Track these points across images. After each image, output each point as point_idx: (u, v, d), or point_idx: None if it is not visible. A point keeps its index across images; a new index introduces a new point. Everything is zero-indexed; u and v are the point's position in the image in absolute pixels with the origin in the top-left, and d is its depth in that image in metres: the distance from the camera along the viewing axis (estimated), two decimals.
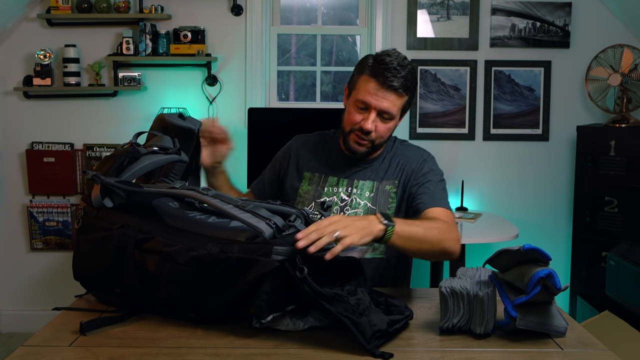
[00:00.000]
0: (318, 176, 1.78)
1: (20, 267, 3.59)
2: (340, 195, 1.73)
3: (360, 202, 1.71)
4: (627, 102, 3.22)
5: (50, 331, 1.28)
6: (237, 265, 1.20)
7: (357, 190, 1.73)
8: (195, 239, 1.26)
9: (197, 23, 3.42)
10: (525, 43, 3.45)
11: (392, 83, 1.61)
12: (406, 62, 1.65)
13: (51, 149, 3.48)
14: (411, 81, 1.65)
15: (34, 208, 3.50)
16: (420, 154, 1.79)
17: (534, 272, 1.21)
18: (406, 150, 1.80)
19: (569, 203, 3.53)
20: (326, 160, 1.81)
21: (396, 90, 1.62)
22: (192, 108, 3.46)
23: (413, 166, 1.74)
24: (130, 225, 1.32)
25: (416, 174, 1.73)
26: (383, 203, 1.71)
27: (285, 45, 3.70)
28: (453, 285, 1.28)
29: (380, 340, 1.19)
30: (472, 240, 2.91)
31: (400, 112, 1.69)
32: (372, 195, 1.72)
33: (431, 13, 3.44)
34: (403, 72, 1.62)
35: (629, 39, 3.39)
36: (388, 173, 1.75)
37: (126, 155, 1.43)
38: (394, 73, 1.61)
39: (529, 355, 1.19)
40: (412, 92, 1.68)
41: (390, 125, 1.68)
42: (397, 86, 1.61)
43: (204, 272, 1.23)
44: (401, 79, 1.62)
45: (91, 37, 3.44)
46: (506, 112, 3.50)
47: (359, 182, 1.74)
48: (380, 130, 1.66)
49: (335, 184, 1.76)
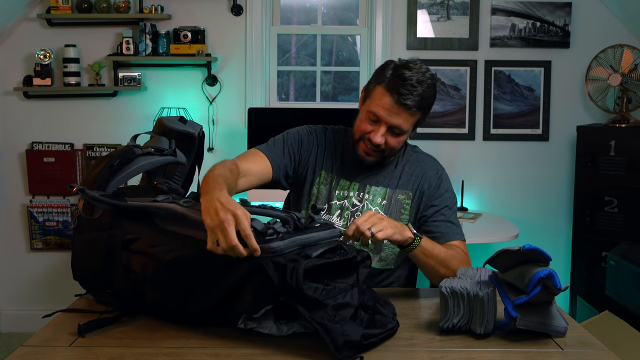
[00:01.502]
0: (331, 177, 1.74)
1: (20, 267, 3.58)
2: (352, 200, 1.70)
3: (372, 209, 1.68)
4: (627, 102, 3.22)
5: (50, 331, 1.28)
6: (220, 265, 1.19)
7: (369, 196, 1.70)
8: (179, 239, 1.26)
9: (197, 23, 3.42)
10: (525, 43, 3.45)
11: (406, 102, 1.56)
12: (427, 76, 1.60)
13: (51, 149, 3.48)
14: (428, 99, 1.61)
15: (34, 208, 3.50)
16: (435, 167, 1.77)
17: (534, 272, 1.21)
18: (420, 159, 1.77)
19: (569, 203, 3.53)
20: (339, 161, 1.76)
21: (410, 109, 1.58)
22: (192, 108, 3.46)
23: (430, 182, 1.73)
24: (120, 225, 1.32)
25: (433, 193, 1.71)
26: (395, 213, 1.69)
27: (285, 45, 3.70)
28: (453, 285, 1.28)
29: (351, 352, 1.15)
30: (472, 240, 2.90)
31: (413, 127, 1.67)
32: (385, 203, 1.70)
33: (431, 13, 3.44)
34: (420, 90, 1.57)
35: (629, 39, 3.39)
36: (401, 181, 1.73)
37: (120, 156, 1.42)
38: (411, 90, 1.56)
39: (529, 355, 1.19)
40: (427, 108, 1.64)
41: (401, 139, 1.66)
42: (411, 105, 1.57)
43: (186, 273, 1.22)
44: (417, 98, 1.57)
45: (91, 37, 3.44)
46: (506, 112, 3.50)
47: (370, 187, 1.71)
48: (391, 143, 1.64)
49: (346, 187, 1.72)
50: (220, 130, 3.49)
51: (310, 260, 1.17)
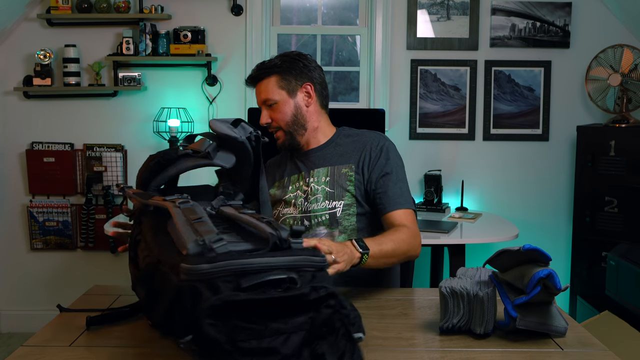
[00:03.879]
0: (285, 180, 1.85)
1: (20, 267, 3.59)
2: (302, 188, 1.79)
3: (318, 188, 1.76)
4: (627, 102, 3.22)
5: (50, 331, 1.28)
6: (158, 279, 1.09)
7: (314, 179, 1.78)
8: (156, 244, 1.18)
9: (197, 23, 3.42)
10: (525, 43, 3.45)
11: (252, 76, 1.78)
12: (273, 57, 1.79)
13: (51, 149, 3.48)
14: (274, 62, 1.76)
15: (34, 208, 3.50)
16: (377, 139, 1.80)
17: (534, 272, 1.21)
18: (361, 134, 1.84)
19: (569, 203, 3.53)
20: (287, 165, 1.88)
21: (260, 79, 1.76)
22: (192, 108, 3.46)
23: (371, 152, 1.77)
24: (139, 224, 1.32)
25: (375, 162, 1.76)
26: (340, 186, 1.75)
27: (285, 45, 3.70)
28: (453, 285, 1.28)
29: None
30: (472, 240, 2.91)
31: (287, 91, 1.76)
32: (329, 179, 1.76)
33: (431, 13, 3.44)
34: (263, 64, 1.77)
35: (629, 39, 3.39)
36: (343, 158, 1.79)
37: (159, 156, 1.41)
38: (254, 70, 1.78)
39: (529, 355, 1.19)
40: (279, 69, 1.76)
41: (280, 107, 1.76)
42: (255, 76, 1.77)
43: (145, 282, 1.17)
44: (259, 69, 1.77)
45: (91, 37, 3.44)
46: (506, 112, 3.50)
47: (314, 170, 1.80)
48: (275, 117, 1.78)
49: (296, 180, 1.82)
50: None
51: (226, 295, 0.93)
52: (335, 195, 1.74)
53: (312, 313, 0.98)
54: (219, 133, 1.41)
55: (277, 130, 1.79)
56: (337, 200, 1.73)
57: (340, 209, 1.73)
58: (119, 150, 3.48)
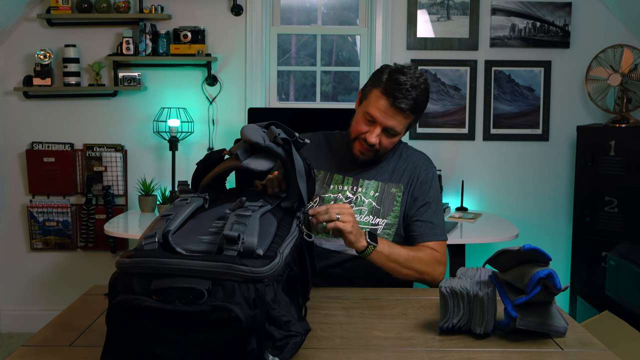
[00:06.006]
0: (324, 174, 1.81)
1: (20, 267, 3.59)
2: (345, 193, 1.77)
3: (365, 201, 1.75)
4: (627, 102, 3.22)
5: (50, 331, 1.28)
6: None
7: (362, 189, 1.77)
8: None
9: (197, 23, 3.42)
10: (525, 43, 3.45)
11: (400, 105, 1.66)
12: (420, 81, 1.69)
13: (51, 149, 3.48)
14: (421, 102, 1.70)
15: (34, 208, 3.50)
16: (427, 164, 1.84)
17: (534, 272, 1.21)
18: (413, 155, 1.85)
19: (569, 203, 3.53)
20: (332, 159, 1.85)
21: (404, 112, 1.67)
22: (192, 108, 3.46)
23: (419, 177, 1.80)
24: None
25: (421, 188, 1.79)
26: (388, 205, 1.76)
27: (285, 45, 3.70)
28: (453, 285, 1.28)
29: None
30: (472, 240, 2.91)
31: (406, 129, 1.75)
32: (378, 195, 1.77)
33: (431, 13, 3.44)
34: (414, 94, 1.66)
35: (629, 39, 3.39)
36: (394, 176, 1.80)
37: (206, 156, 1.41)
38: (405, 95, 1.66)
39: (529, 355, 1.19)
40: (420, 112, 1.74)
41: (394, 140, 1.74)
42: (405, 108, 1.67)
43: None
44: (411, 102, 1.67)
45: (91, 37, 3.44)
46: (506, 112, 3.50)
47: (364, 181, 1.78)
48: (384, 143, 1.73)
49: (340, 181, 1.80)
50: (220, 130, 3.49)
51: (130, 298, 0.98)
52: (381, 212, 1.75)
53: (216, 332, 0.95)
54: (245, 138, 1.37)
55: (373, 149, 1.73)
56: (382, 218, 1.75)
57: (381, 227, 1.74)
58: (119, 150, 3.48)
